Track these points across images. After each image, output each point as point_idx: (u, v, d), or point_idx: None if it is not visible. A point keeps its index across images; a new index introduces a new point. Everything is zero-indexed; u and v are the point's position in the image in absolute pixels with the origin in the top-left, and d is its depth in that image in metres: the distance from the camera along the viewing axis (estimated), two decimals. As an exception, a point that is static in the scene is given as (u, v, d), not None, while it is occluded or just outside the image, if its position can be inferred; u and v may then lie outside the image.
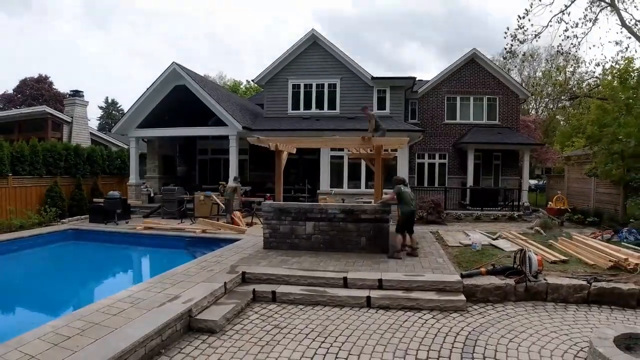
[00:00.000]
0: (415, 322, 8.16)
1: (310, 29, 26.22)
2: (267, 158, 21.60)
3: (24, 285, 12.79)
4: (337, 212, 12.91)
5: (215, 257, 12.02)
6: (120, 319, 6.99)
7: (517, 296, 9.49)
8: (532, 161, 45.29)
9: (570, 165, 28.34)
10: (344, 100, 26.28)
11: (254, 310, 8.77)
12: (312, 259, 11.74)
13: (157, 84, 23.97)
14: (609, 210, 21.79)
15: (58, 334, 6.36)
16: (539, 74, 55.92)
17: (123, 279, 14.59)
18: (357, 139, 13.63)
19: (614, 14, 26.76)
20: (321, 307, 9.00)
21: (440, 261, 11.73)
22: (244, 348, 6.91)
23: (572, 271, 10.55)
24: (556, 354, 6.75)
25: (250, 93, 57.99)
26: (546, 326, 7.95)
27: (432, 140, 29.76)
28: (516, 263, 10.23)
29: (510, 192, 25.72)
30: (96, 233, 18.02)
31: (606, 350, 5.90)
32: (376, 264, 11.21)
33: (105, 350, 5.76)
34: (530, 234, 17.04)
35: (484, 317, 8.49)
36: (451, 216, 22.70)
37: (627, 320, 8.37)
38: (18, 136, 27.58)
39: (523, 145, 27.96)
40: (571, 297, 9.36)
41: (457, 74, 30.15)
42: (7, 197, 19.04)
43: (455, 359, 6.59)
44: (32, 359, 5.56)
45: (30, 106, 42.09)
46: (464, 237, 15.96)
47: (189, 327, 7.60)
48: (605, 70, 29.29)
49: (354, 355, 6.69)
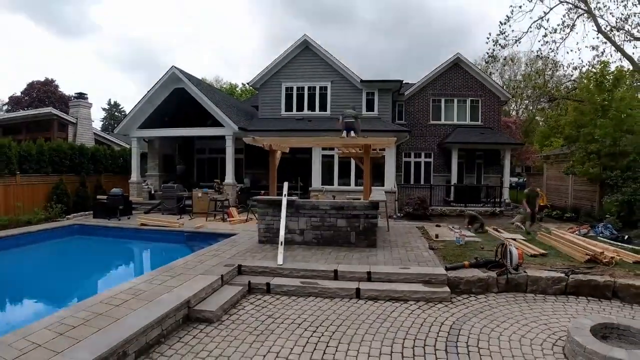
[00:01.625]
0: (402, 312, 8.20)
1: (302, 35, 26.31)
2: (262, 157, 21.59)
3: (31, 278, 12.76)
4: (328, 209, 12.92)
5: (213, 251, 12.03)
6: (122, 310, 7.02)
7: (499, 288, 9.54)
8: (513, 160, 45.36)
9: (549, 163, 28.51)
10: (334, 102, 26.30)
11: (249, 301, 8.81)
12: (304, 253, 11.77)
13: (158, 87, 23.99)
14: (586, 206, 21.94)
15: (63, 323, 6.39)
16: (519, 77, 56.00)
17: (125, 271, 14.60)
18: (348, 138, 13.67)
19: (591, 21, 26.87)
20: (313, 298, 9.04)
21: (426, 255, 11.75)
22: (239, 337, 6.95)
23: (551, 264, 10.61)
24: (536, 343, 6.81)
25: (246, 95, 57.88)
26: (526, 316, 8.01)
27: (418, 140, 29.81)
28: (498, 256, 10.30)
29: (492, 189, 25.83)
30: (100, 228, 18.01)
31: (583, 339, 5.99)
32: (365, 258, 11.22)
33: (109, 339, 5.78)
34: (511, 229, 17.14)
35: (467, 307, 8.54)
36: (436, 212, 22.77)
37: (603, 311, 8.44)
38: (25, 136, 27.48)
39: (504, 145, 28.00)
40: (550, 289, 9.42)
41: (441, 77, 30.20)
42: (15, 194, 19.06)
43: (440, 347, 6.63)
44: (39, 347, 5.58)
45: (37, 108, 41.89)
46: (447, 231, 16.01)
47: (188, 317, 7.63)
48: (582, 73, 29.49)
49: (344, 344, 6.73)
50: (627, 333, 6.54)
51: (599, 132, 18.43)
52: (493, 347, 6.63)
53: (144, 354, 6.23)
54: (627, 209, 17.51)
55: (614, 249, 12.03)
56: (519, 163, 54.70)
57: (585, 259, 10.84)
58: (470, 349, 6.57)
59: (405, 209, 21.22)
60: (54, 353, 5.40)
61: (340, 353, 6.38)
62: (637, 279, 9.32)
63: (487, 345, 6.72)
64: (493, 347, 6.65)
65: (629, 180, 17.38)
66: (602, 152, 18.85)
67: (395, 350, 6.52)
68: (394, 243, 13.56)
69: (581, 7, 27.00)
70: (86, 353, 5.35)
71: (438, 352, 6.47)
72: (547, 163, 29.35)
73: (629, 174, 17.58)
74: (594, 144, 18.94)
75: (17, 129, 30.39)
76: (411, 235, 15.40)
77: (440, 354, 6.38)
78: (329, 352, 6.41)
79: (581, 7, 26.99)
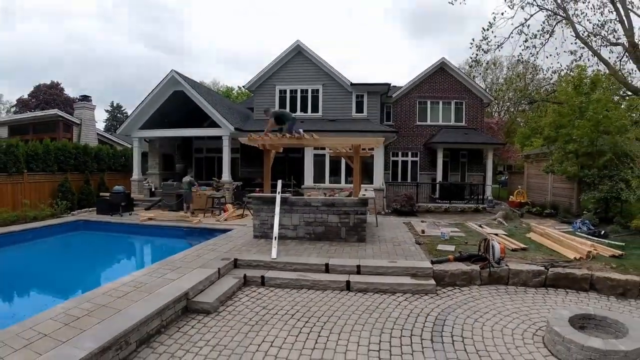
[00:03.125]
0: (390, 304, 8.22)
1: (295, 40, 26.32)
2: (257, 156, 21.60)
3: (38, 271, 12.77)
4: (320, 205, 12.92)
5: (210, 246, 12.00)
6: (124, 301, 7.01)
7: (482, 280, 9.58)
8: (495, 159, 45.47)
9: (529, 162, 28.60)
10: (325, 104, 26.39)
11: (245, 293, 8.81)
12: (297, 247, 11.78)
13: (158, 90, 23.96)
14: (564, 203, 22.02)
15: (68, 314, 6.39)
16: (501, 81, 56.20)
17: (127, 265, 14.56)
18: (339, 138, 13.71)
19: (569, 27, 26.88)
20: (306, 290, 9.05)
21: (412, 249, 11.77)
22: (235, 327, 6.96)
23: (531, 258, 10.65)
24: (517, 333, 6.84)
25: (242, 98, 57.81)
26: (508, 307, 8.05)
27: (405, 140, 29.88)
28: (481, 250, 10.36)
29: (475, 187, 25.91)
30: (103, 224, 17.98)
31: (562, 329, 6.04)
32: (355, 252, 11.24)
33: (111, 329, 5.78)
34: (494, 224, 17.19)
35: (452, 299, 8.57)
36: (422, 208, 22.81)
37: (581, 302, 8.49)
38: (32, 136, 27.45)
39: (487, 145, 28.13)
40: (530, 282, 9.47)
41: (427, 80, 30.30)
42: (23, 191, 19.07)
43: (426, 337, 6.65)
44: (45, 337, 5.57)
45: (44, 110, 41.81)
46: (434, 227, 16.04)
47: (186, 308, 7.63)
48: (561, 77, 29.58)
49: (335, 333, 6.75)
50: (604, 323, 6.60)
51: (577, 132, 18.48)
52: (476, 337, 6.66)
53: (145, 343, 6.23)
54: (603, 205, 17.63)
55: (592, 243, 12.11)
56: (501, 162, 54.85)
57: (577, 257, 10.87)
58: (455, 339, 6.60)
59: (393, 205, 21.25)
60: (59, 342, 5.39)
61: (332, 342, 6.40)
62: (613, 272, 9.40)
63: (471, 335, 6.75)
64: (476, 337, 6.68)
65: (605, 178, 17.46)
66: (580, 151, 18.91)
67: (383, 339, 6.55)
68: (382, 238, 13.58)
69: (560, 14, 27.04)
70: (90, 342, 5.34)
71: (424, 341, 6.50)
72: (527, 162, 29.44)
73: (606, 173, 17.66)
74: (572, 144, 19.00)
75: (24, 130, 30.63)
76: (398, 230, 15.42)
77: (426, 344, 6.41)
78: (320, 342, 6.42)
79: (560, 13, 27.04)
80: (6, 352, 5.13)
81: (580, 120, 18.83)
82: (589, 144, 18.50)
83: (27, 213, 17.58)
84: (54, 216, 18.50)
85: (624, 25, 25.01)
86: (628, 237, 14.22)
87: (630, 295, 8.82)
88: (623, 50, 26.26)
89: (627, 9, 24.85)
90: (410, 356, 5.99)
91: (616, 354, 5.46)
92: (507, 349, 6.24)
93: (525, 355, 6.05)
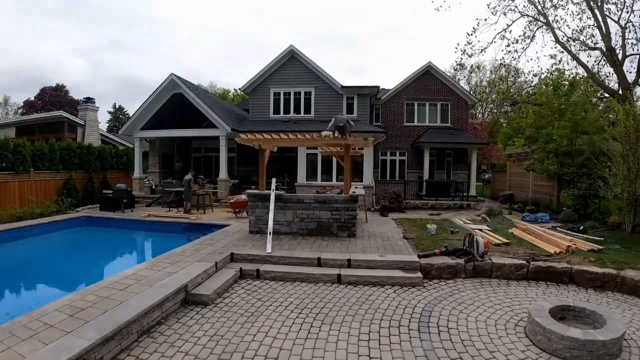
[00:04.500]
0: (379, 296, 8.26)
1: (289, 45, 26.34)
2: (252, 155, 21.55)
3: (44, 264, 12.78)
4: (312, 202, 12.96)
5: (207, 240, 12.00)
6: (126, 294, 7.01)
7: (467, 273, 9.64)
8: (479, 158, 45.67)
9: (512, 161, 28.78)
10: (318, 106, 26.36)
11: (241, 286, 8.82)
12: (291, 242, 11.80)
13: (158, 92, 23.89)
14: (545, 200, 22.14)
15: (73, 306, 6.39)
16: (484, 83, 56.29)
17: (128, 259, 14.54)
18: (330, 138, 13.66)
19: (549, 32, 27.10)
20: (299, 283, 9.07)
21: (400, 244, 11.83)
22: (232, 318, 6.98)
23: (514, 252, 10.71)
24: (500, 323, 6.90)
25: (238, 100, 57.68)
26: (491, 299, 8.10)
27: (393, 140, 29.86)
28: (465, 245, 10.39)
29: (460, 185, 25.92)
30: (106, 220, 17.95)
31: (542, 320, 6.09)
32: (346, 247, 11.30)
33: (114, 320, 5.80)
34: (477, 220, 17.25)
35: (438, 291, 8.62)
36: (410, 205, 22.82)
37: (561, 295, 8.56)
38: (38, 137, 27.55)
39: (471, 145, 28.15)
40: (512, 275, 9.54)
41: (414, 83, 30.28)
42: (29, 189, 19.05)
43: (413, 327, 6.70)
44: (51, 327, 5.59)
45: (49, 111, 41.76)
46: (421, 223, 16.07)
47: (185, 300, 7.65)
48: (541, 80, 29.76)
49: (327, 324, 6.78)
50: (582, 314, 6.67)
51: (557, 133, 18.58)
52: (461, 327, 6.71)
53: (146, 333, 6.25)
54: (582, 202, 17.71)
55: (571, 238, 12.20)
56: (485, 161, 55.01)
57: (558, 251, 10.93)
58: (441, 329, 6.63)
59: (381, 202, 21.24)
60: (64, 333, 5.40)
61: (323, 332, 6.42)
62: (591, 266, 9.47)
63: (456, 325, 6.79)
64: (461, 327, 6.73)
65: (584, 176, 17.56)
66: (560, 151, 19.00)
67: (372, 330, 6.58)
68: (371, 233, 13.64)
69: (540, 20, 27.21)
70: (94, 332, 5.36)
71: (412, 331, 6.53)
72: (510, 161, 29.62)
73: (584, 171, 17.76)
74: (552, 144, 19.08)
75: (31, 130, 30.70)
76: (387, 226, 15.47)
77: (413, 334, 6.44)
78: (313, 332, 6.44)
79: (540, 19, 27.20)
80: (14, 342, 5.15)
81: (559, 121, 18.95)
82: (568, 144, 18.62)
83: (34, 209, 17.57)
84: (59, 212, 18.48)
85: (601, 31, 25.19)
86: (605, 232, 14.33)
87: (608, 288, 8.90)
88: (601, 54, 26.45)
89: (604, 15, 25.06)
90: (398, 346, 6.02)
91: (594, 343, 5.51)
92: (491, 339, 6.27)
93: (508, 345, 6.09)
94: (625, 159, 14.58)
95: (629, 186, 14.27)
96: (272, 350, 5.81)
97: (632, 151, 14.38)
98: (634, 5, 26.74)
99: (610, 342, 5.57)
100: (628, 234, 13.94)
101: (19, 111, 65.47)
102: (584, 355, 5.52)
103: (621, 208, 15.37)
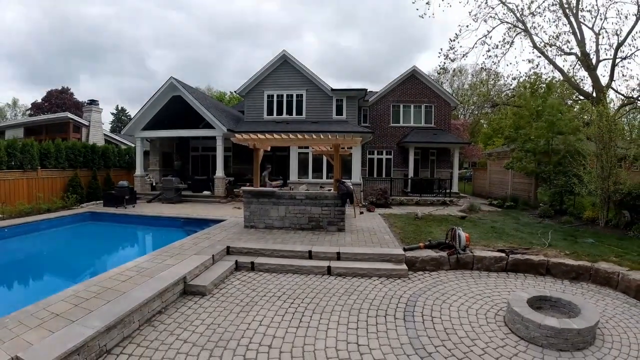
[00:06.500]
0: (367, 287, 8.27)
1: (282, 50, 26.35)
2: (247, 154, 21.60)
3: (51, 257, 12.80)
4: (304, 198, 12.95)
5: (205, 234, 11.96)
6: (128, 285, 6.99)
7: (449, 266, 9.67)
8: (461, 157, 45.81)
9: (492, 160, 28.90)
10: (309, 108, 26.34)
11: (236, 277, 8.81)
12: (283, 236, 11.79)
13: (158, 95, 23.87)
14: (523, 196, 22.28)
15: (78, 296, 6.37)
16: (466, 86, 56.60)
17: (130, 252, 14.46)
18: (321, 138, 13.66)
19: (527, 38, 27.28)
20: (291, 274, 9.07)
21: (387, 238, 11.85)
22: (228, 308, 6.97)
23: (494, 246, 10.77)
24: (480, 313, 6.94)
25: (234, 102, 57.64)
26: (472, 290, 8.13)
27: (380, 139, 29.95)
28: (448, 239, 10.43)
29: (443, 182, 25.98)
30: (109, 215, 17.87)
31: (521, 309, 6.13)
32: (335, 240, 11.30)
33: (117, 309, 5.79)
34: (459, 215, 17.31)
35: (422, 282, 8.64)
36: (396, 201, 22.84)
37: (538, 285, 8.61)
38: (45, 137, 27.34)
39: (453, 144, 28.25)
40: (493, 267, 9.58)
41: (400, 86, 30.36)
42: (37, 185, 19.14)
43: (399, 317, 6.72)
44: (57, 316, 5.58)
45: (55, 113, 41.63)
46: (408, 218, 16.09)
47: (184, 291, 7.63)
48: (520, 83, 29.97)
49: (318, 313, 6.78)
50: (558, 304, 6.72)
51: (534, 133, 18.70)
52: (444, 317, 6.73)
53: (147, 322, 6.24)
54: (558, 198, 17.85)
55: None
56: (466, 159, 55.23)
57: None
58: (425, 318, 6.66)
59: (369, 198, 21.28)
60: (69, 322, 5.39)
61: (314, 321, 6.43)
62: (567, 258, 9.54)
63: (440, 314, 6.82)
64: (444, 316, 6.76)
65: (560, 174, 17.70)
66: (537, 150, 19.14)
67: (361, 318, 6.59)
68: (359, 228, 13.64)
69: (519, 27, 27.36)
70: (98, 321, 5.36)
71: (397, 320, 6.55)
72: (490, 159, 29.75)
73: (560, 169, 17.91)
74: (530, 143, 19.21)
75: (38, 131, 30.77)
76: (374, 220, 15.49)
77: (399, 322, 6.46)
78: (304, 321, 6.45)
79: (519, 26, 27.36)
80: (22, 330, 5.14)
81: (537, 122, 19.06)
82: (545, 143, 18.76)
83: (41, 205, 17.53)
84: (65, 208, 18.40)
85: (576, 37, 25.34)
86: (580, 227, 14.43)
87: (582, 279, 8.98)
88: (576, 59, 26.61)
89: (579, 22, 25.22)
90: (384, 334, 6.03)
91: (570, 331, 5.55)
92: (472, 327, 6.30)
93: (488, 333, 6.12)
94: (599, 157, 14.72)
95: (602, 183, 14.41)
96: (266, 338, 5.81)
97: (605, 150, 14.52)
98: (607, 13, 26.95)
99: (585, 330, 5.62)
100: (601, 229, 14.06)
101: (27, 112, 65.35)
102: (560, 343, 5.56)
103: (595, 204, 15.52)
